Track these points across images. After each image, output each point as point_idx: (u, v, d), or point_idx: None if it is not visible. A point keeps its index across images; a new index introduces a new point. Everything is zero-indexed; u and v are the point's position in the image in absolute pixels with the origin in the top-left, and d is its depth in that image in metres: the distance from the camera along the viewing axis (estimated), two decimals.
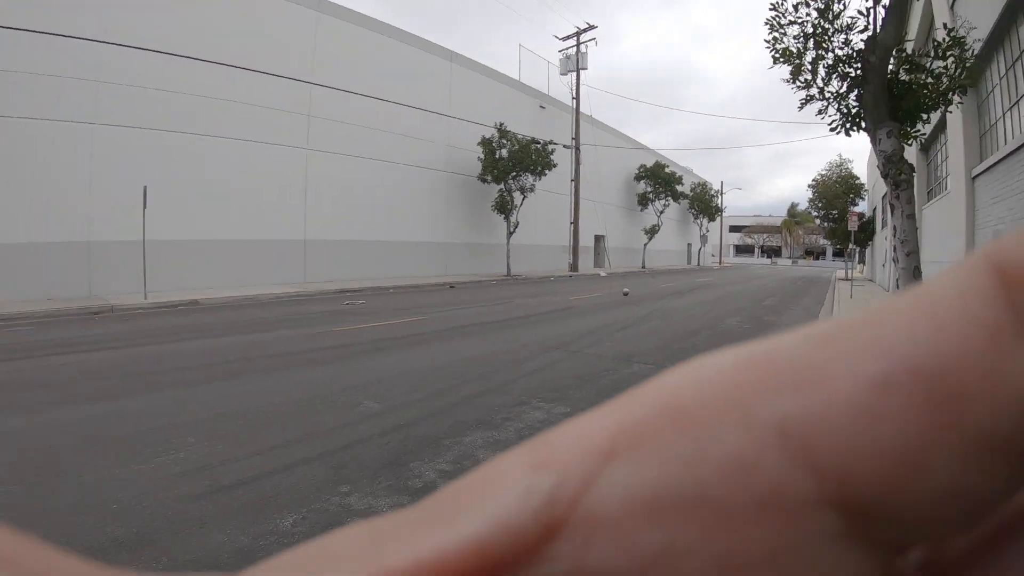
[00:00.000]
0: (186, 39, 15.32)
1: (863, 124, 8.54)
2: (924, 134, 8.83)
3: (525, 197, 24.87)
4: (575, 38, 29.63)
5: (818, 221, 52.19)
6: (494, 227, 25.99)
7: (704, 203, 47.68)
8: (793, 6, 8.42)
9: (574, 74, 29.53)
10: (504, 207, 24.46)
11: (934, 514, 0.12)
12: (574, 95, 29.58)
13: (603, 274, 26.07)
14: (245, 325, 9.70)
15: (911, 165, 8.03)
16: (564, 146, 27.95)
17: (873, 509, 0.12)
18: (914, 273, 7.63)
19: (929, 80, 8.36)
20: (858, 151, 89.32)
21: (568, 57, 29.86)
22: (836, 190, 47.82)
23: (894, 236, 8.07)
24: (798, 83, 8.76)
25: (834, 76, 8.55)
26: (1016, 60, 9.87)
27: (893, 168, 7.79)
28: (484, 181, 24.09)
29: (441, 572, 0.11)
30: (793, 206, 77.18)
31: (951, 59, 8.12)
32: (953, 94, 8.28)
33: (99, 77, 14.02)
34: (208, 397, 5.04)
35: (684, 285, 21.63)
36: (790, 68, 8.70)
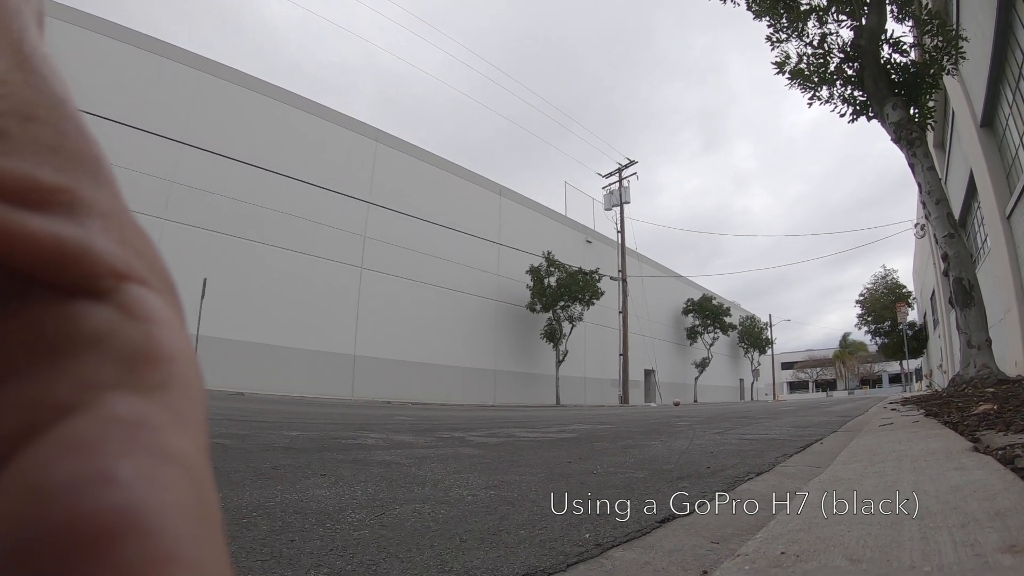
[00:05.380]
0: (257, 150, 16.18)
1: (870, 112, 9.34)
2: (933, 111, 9.80)
3: (574, 326, 24.47)
4: (617, 174, 30.67)
5: (868, 336, 49.85)
6: (543, 357, 25.33)
7: (753, 336, 46.39)
8: (789, 22, 9.71)
9: (618, 208, 30.18)
10: (553, 335, 24.01)
11: None
12: (619, 228, 30.01)
13: (654, 405, 24.63)
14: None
15: (919, 124, 8.89)
16: (611, 277, 27.81)
17: None
18: (948, 219, 8.00)
19: (926, 56, 9.17)
20: (902, 267, 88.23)
21: (612, 192, 30.71)
22: (884, 300, 46.03)
23: (920, 193, 8.53)
24: (807, 86, 9.80)
25: (837, 80, 9.61)
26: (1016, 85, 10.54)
27: (904, 131, 8.47)
28: (533, 310, 23.90)
29: None
30: (845, 336, 74.68)
31: (932, 31, 8.89)
32: (946, 60, 8.97)
33: (173, 177, 14.71)
34: None
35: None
36: (799, 83, 9.81)
